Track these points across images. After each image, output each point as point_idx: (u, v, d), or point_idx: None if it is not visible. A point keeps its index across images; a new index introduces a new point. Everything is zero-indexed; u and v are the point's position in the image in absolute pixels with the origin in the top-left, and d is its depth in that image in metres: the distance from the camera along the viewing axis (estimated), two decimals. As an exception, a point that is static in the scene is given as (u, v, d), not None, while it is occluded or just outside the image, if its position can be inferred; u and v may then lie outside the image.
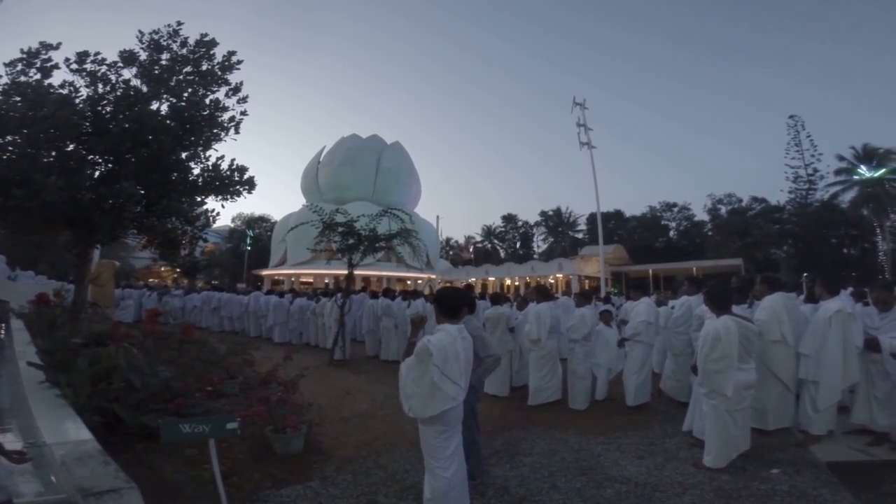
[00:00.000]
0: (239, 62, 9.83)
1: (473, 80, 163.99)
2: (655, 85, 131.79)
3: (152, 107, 8.96)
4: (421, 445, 2.96)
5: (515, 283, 37.92)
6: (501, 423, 5.47)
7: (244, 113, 9.90)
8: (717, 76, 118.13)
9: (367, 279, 32.09)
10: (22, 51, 8.51)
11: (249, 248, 50.82)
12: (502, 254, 59.82)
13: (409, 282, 36.40)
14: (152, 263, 42.36)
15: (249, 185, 9.69)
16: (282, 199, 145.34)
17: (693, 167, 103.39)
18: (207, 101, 9.56)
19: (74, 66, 8.77)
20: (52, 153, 8.22)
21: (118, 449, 3.55)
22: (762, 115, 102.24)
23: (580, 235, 56.06)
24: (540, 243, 60.83)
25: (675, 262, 38.63)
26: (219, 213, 10.27)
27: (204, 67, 9.54)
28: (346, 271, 10.22)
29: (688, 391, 5.82)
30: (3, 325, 8.00)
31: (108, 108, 8.73)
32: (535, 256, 52.17)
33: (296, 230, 10.94)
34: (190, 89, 9.41)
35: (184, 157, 9.50)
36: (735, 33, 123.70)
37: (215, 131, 9.59)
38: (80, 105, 8.55)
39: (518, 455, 4.43)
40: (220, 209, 15.31)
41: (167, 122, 8.90)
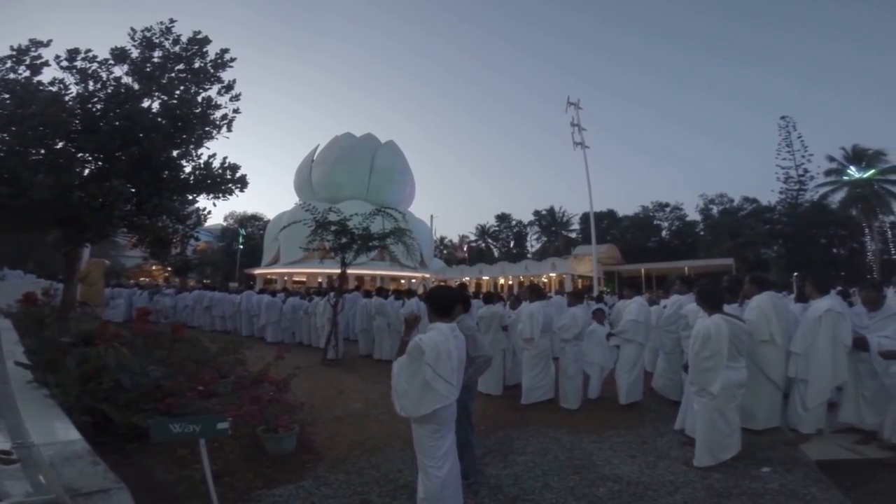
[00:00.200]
0: (232, 60, 9.75)
1: (468, 79, 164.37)
2: (649, 84, 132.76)
3: (143, 104, 8.87)
4: (414, 445, 2.95)
5: (509, 283, 37.97)
6: (495, 422, 5.48)
7: (237, 111, 9.81)
8: (711, 76, 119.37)
9: (360, 278, 32.06)
10: (11, 48, 8.39)
11: (242, 246, 50.52)
12: (496, 253, 59.94)
13: (402, 281, 36.39)
14: (143, 262, 42.08)
15: (241, 183, 9.61)
16: (275, 198, 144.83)
17: (685, 167, 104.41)
18: (200, 99, 9.47)
19: (65, 64, 8.65)
20: (41, 151, 8.11)
21: (108, 449, 3.51)
22: (755, 114, 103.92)
23: (573, 235, 56.33)
24: (533, 243, 61.15)
25: (668, 261, 38.87)
26: (210, 212, 10.14)
27: (196, 65, 9.45)
28: (339, 270, 10.18)
29: (679, 390, 5.86)
30: None
31: (98, 106, 8.63)
32: (528, 256, 52.27)
33: (288, 229, 10.88)
34: (182, 87, 9.31)
35: (175, 155, 9.41)
36: (729, 33, 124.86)
37: (207, 129, 9.50)
38: (70, 103, 8.44)
39: (511, 454, 4.44)
40: (212, 207, 15.19)
41: (158, 119, 8.81)
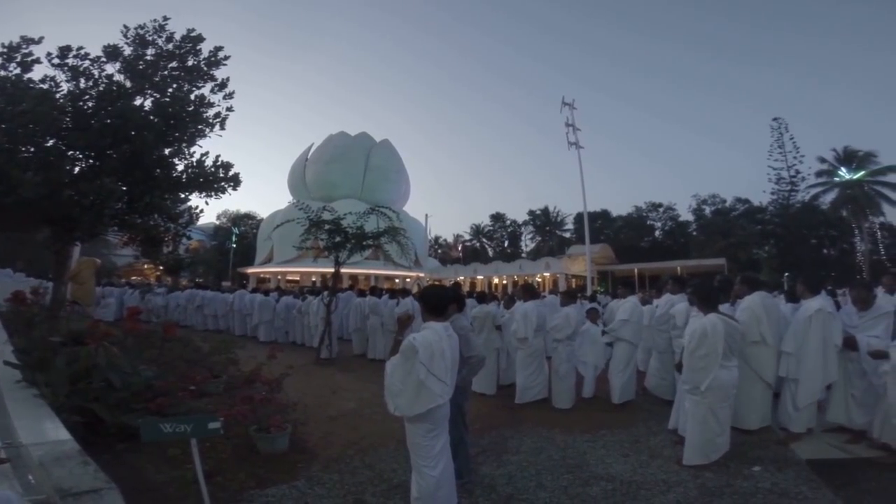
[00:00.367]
0: (226, 58, 9.70)
1: (463, 79, 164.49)
2: (643, 85, 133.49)
3: (136, 102, 8.80)
4: (408, 444, 2.95)
5: (503, 282, 38.05)
6: (489, 422, 5.47)
7: (230, 109, 9.77)
8: (706, 76, 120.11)
9: (354, 277, 31.95)
10: (2, 45, 8.30)
11: (235, 245, 50.24)
12: (490, 252, 60.03)
13: (397, 280, 36.33)
14: (135, 261, 41.78)
15: (234, 181, 9.57)
16: (268, 197, 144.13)
17: (679, 167, 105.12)
18: (193, 97, 9.42)
19: (56, 61, 8.57)
20: (31, 149, 8.03)
21: (98, 449, 3.49)
22: (749, 114, 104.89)
23: (567, 235, 56.55)
24: (528, 242, 61.36)
25: (660, 261, 39.12)
26: (202, 210, 10.16)
27: (190, 63, 9.39)
28: (333, 269, 10.15)
29: (672, 389, 5.88)
30: None
31: (89, 104, 8.55)
32: (522, 255, 52.39)
33: (282, 228, 10.83)
34: (175, 85, 9.26)
35: (167, 153, 9.35)
36: (724, 32, 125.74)
37: (200, 127, 9.45)
38: (61, 100, 8.36)
39: (505, 453, 4.44)
40: (205, 206, 15.15)
41: (151, 117, 8.75)
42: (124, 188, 8.60)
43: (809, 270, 25.19)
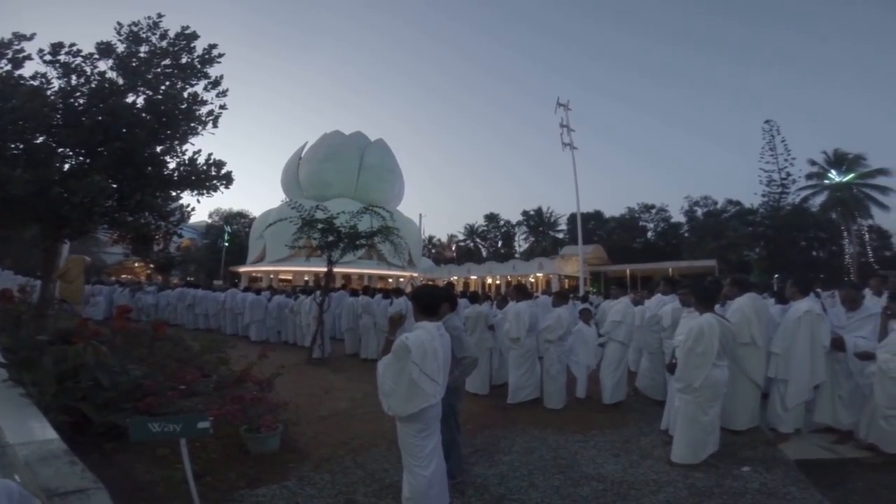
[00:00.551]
0: (220, 55, 9.60)
1: (458, 79, 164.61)
2: (637, 85, 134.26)
3: (128, 99, 8.70)
4: (399, 444, 2.94)
5: (497, 282, 38.09)
6: (481, 422, 5.48)
7: (223, 107, 9.66)
8: (700, 77, 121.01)
9: (347, 276, 31.87)
10: None
11: (227, 244, 49.90)
12: (484, 253, 60.13)
13: (390, 280, 36.28)
14: (125, 259, 41.45)
15: (227, 179, 9.47)
16: (261, 195, 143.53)
17: (671, 169, 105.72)
18: (185, 95, 9.32)
19: (48, 58, 8.46)
20: (20, 145, 7.93)
21: (86, 449, 3.46)
22: (742, 116, 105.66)
23: (560, 235, 56.72)
24: (521, 242, 61.39)
25: (653, 262, 39.30)
26: (194, 209, 10.01)
27: (183, 60, 9.29)
28: (326, 268, 10.11)
29: (663, 389, 5.92)
30: None
31: (80, 101, 8.44)
32: (516, 255, 52.47)
33: (275, 226, 10.75)
34: (168, 82, 9.16)
35: (159, 150, 9.24)
36: (718, 33, 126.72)
37: (192, 125, 9.34)
38: (52, 97, 8.25)
39: (497, 453, 4.45)
40: (196, 204, 15.04)
41: (142, 115, 8.66)
42: (115, 186, 8.48)
43: (799, 272, 25.46)
